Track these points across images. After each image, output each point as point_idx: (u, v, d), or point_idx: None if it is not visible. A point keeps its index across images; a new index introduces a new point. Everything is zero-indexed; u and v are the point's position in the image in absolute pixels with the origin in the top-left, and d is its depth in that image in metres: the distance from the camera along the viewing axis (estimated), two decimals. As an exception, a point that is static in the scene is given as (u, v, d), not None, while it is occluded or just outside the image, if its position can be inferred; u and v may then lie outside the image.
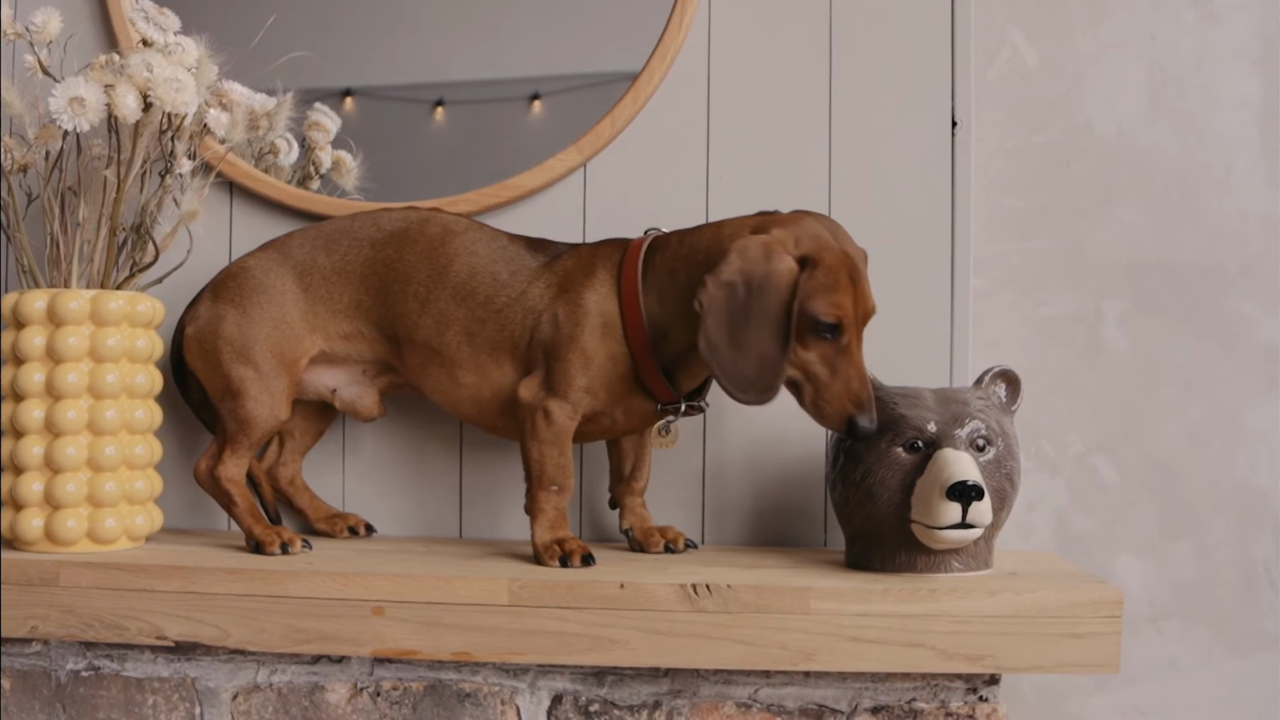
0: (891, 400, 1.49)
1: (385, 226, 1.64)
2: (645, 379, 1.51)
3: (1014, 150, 1.82)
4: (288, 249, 1.65)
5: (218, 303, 1.63)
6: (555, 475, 1.53)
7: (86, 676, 1.57)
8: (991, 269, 1.82)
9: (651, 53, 1.70)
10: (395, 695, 1.52)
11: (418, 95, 1.81)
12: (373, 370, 1.67)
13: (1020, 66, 1.82)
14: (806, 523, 1.72)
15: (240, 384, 1.60)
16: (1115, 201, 1.81)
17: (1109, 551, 1.81)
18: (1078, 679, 1.82)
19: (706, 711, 1.49)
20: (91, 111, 1.47)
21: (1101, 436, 1.82)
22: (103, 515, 1.55)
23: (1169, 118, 1.80)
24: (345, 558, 1.56)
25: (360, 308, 1.62)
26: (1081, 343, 1.81)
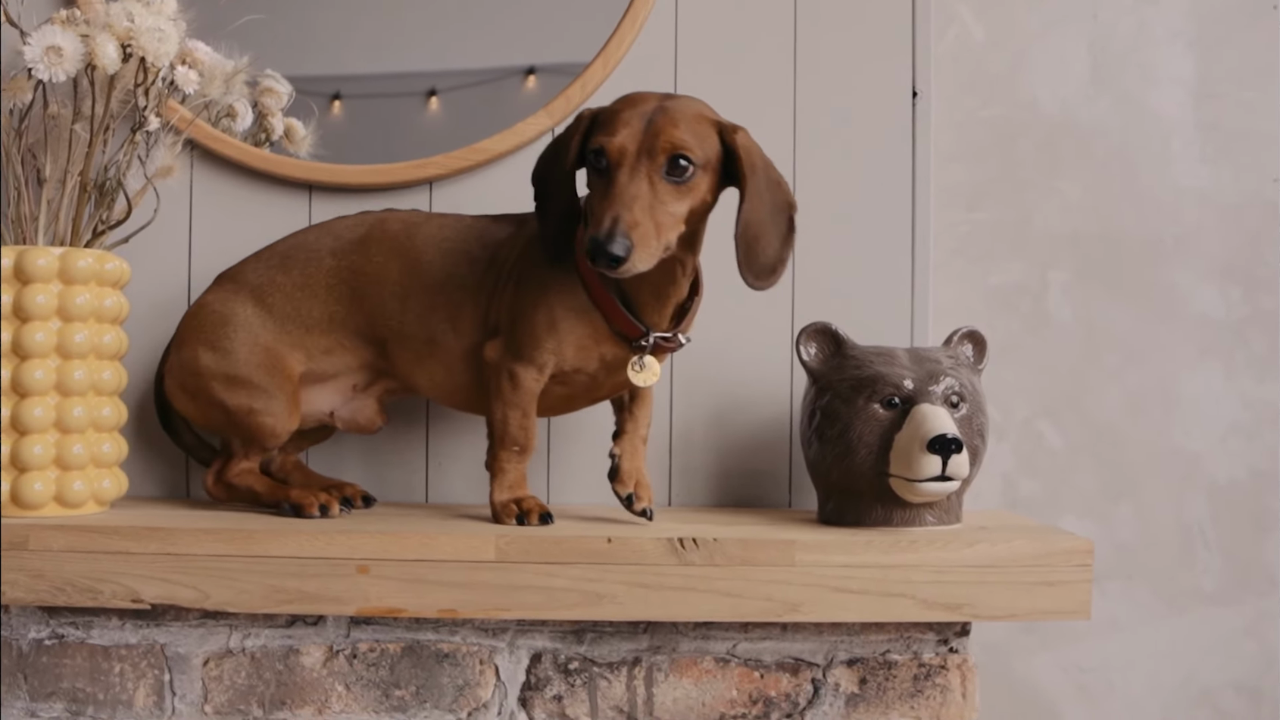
0: (867, 358, 1.52)
1: (344, 235, 1.63)
2: (611, 320, 1.49)
3: (962, 123, 1.87)
4: (241, 276, 1.63)
5: (187, 346, 1.61)
6: (517, 436, 1.53)
7: (50, 645, 1.52)
8: (940, 239, 1.86)
9: (621, 19, 1.72)
10: (372, 657, 1.51)
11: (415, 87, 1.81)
12: (362, 382, 1.64)
13: (968, 42, 1.87)
14: (773, 484, 1.75)
15: (242, 406, 1.57)
16: (1059, 175, 1.87)
17: (1053, 514, 1.87)
18: (1023, 638, 1.87)
19: (685, 667, 1.50)
20: (69, 61, 1.44)
21: (1046, 402, 1.87)
22: (70, 478, 1.51)
23: (1109, 94, 1.87)
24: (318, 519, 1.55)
25: (335, 319, 1.60)
26: (1027, 312, 1.87)
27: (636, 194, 1.38)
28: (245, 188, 1.76)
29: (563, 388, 1.54)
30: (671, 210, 1.40)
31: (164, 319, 1.76)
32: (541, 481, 1.75)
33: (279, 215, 1.76)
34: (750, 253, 1.44)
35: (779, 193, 1.47)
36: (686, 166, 1.39)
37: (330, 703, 1.51)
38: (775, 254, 1.46)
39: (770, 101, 1.75)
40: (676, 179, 1.39)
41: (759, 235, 1.44)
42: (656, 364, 1.50)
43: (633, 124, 1.40)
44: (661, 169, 1.39)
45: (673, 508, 1.73)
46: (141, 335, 1.73)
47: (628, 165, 1.39)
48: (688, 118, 1.42)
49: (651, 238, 1.37)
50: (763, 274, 1.45)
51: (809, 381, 1.57)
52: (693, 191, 1.41)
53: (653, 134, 1.39)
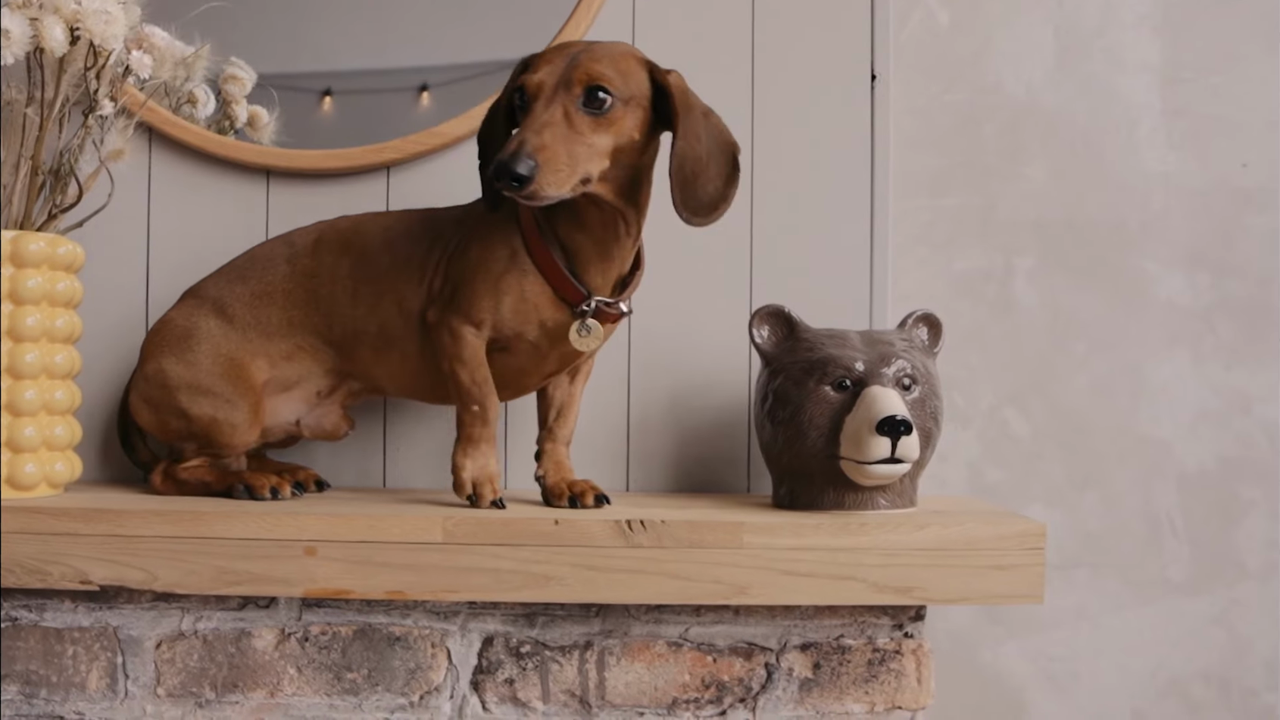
0: (819, 340, 1.51)
1: (297, 241, 1.63)
2: (552, 282, 1.48)
3: (925, 109, 1.86)
4: (202, 290, 1.64)
5: (150, 360, 1.61)
6: (472, 392, 1.51)
7: (4, 628, 1.53)
8: (904, 225, 1.86)
9: (575, 6, 1.72)
10: (324, 640, 1.51)
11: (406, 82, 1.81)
12: (326, 388, 1.64)
13: (933, 27, 1.86)
14: (730, 470, 1.74)
15: (205, 414, 1.57)
16: (1024, 160, 1.86)
17: (1020, 501, 1.86)
18: (990, 627, 1.86)
19: (638, 651, 1.50)
20: (16, 44, 1.45)
21: (1012, 389, 1.86)
22: (21, 461, 1.52)
23: (1075, 79, 1.86)
24: (269, 500, 1.55)
25: (293, 324, 1.60)
26: (992, 298, 1.86)
27: (547, 121, 1.37)
28: (203, 173, 1.76)
29: (509, 357, 1.52)
30: (590, 141, 1.39)
31: (123, 304, 1.77)
32: (498, 466, 1.75)
33: (237, 200, 1.77)
34: (687, 189, 1.42)
35: (719, 133, 1.46)
36: (605, 98, 1.39)
37: (282, 685, 1.51)
38: (716, 191, 1.44)
39: (728, 83, 1.75)
40: (595, 110, 1.39)
41: (697, 172, 1.43)
42: (600, 328, 1.49)
43: (555, 61, 1.41)
44: (578, 100, 1.39)
45: (630, 493, 1.72)
46: (99, 320, 1.74)
47: (544, 98, 1.39)
48: (612, 54, 1.42)
49: (561, 162, 1.36)
50: (700, 210, 1.44)
51: (762, 364, 1.56)
52: (614, 125, 1.40)
53: (571, 68, 1.40)
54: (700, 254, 1.74)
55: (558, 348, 1.51)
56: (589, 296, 1.48)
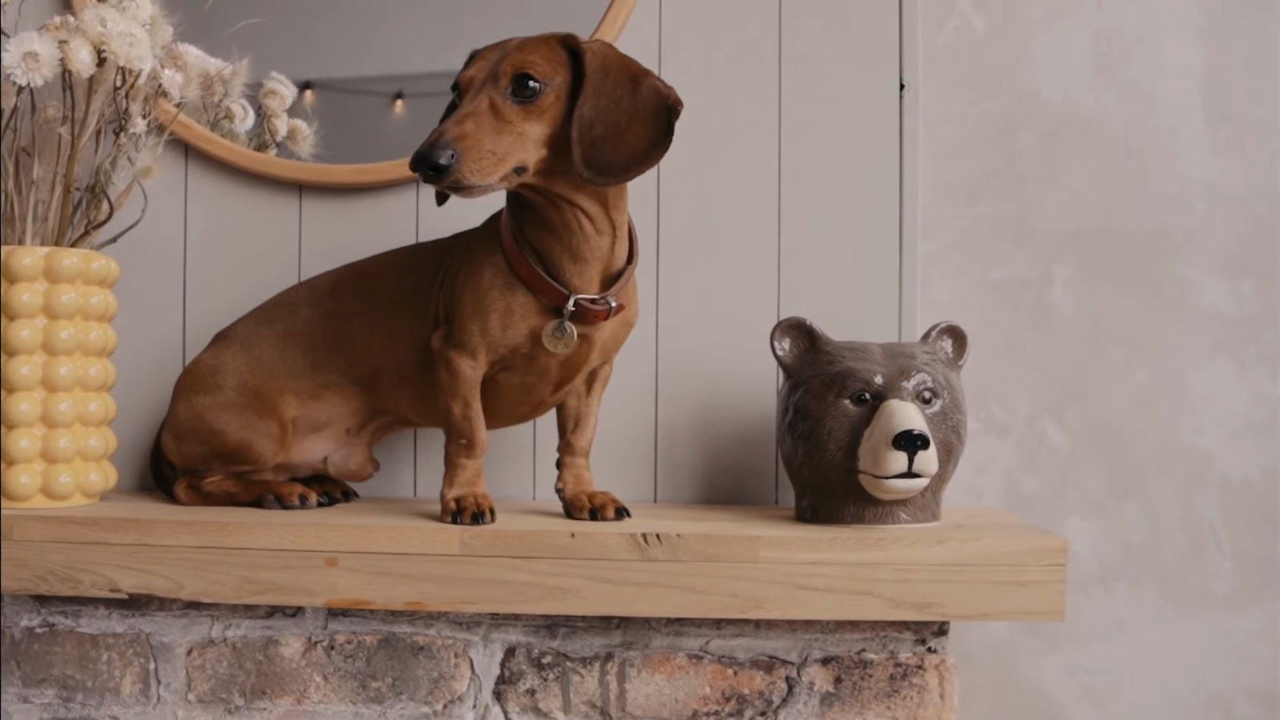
0: (840, 353, 1.51)
1: (318, 285, 1.67)
2: (533, 288, 1.47)
3: (960, 116, 1.84)
4: (231, 333, 1.68)
5: (181, 398, 1.65)
6: (461, 427, 1.52)
7: (41, 633, 1.57)
8: (938, 233, 1.84)
9: (603, 15, 1.72)
10: (349, 649, 1.53)
11: (378, 88, 1.82)
12: (355, 426, 1.67)
13: (968, 34, 1.84)
14: (758, 481, 1.74)
15: (232, 436, 1.60)
16: (1062, 168, 1.83)
17: (1058, 513, 1.84)
18: (1028, 640, 1.84)
19: (658, 663, 1.50)
20: (45, 66, 1.49)
21: (1050, 399, 1.84)
22: (56, 471, 1.56)
23: (1114, 85, 1.83)
24: (299, 509, 1.58)
25: (317, 365, 1.63)
26: (1029, 307, 1.84)
27: (471, 111, 1.37)
28: (238, 188, 1.80)
29: (513, 374, 1.53)
30: (520, 130, 1.38)
31: (160, 317, 1.81)
32: (527, 478, 1.76)
33: (270, 214, 1.80)
34: (591, 149, 1.39)
35: (650, 95, 1.43)
36: (534, 86, 1.38)
37: (309, 693, 1.54)
38: (636, 153, 1.41)
39: (755, 95, 1.74)
40: (524, 99, 1.38)
41: (608, 134, 1.40)
42: (574, 331, 1.47)
43: (488, 56, 1.42)
44: (505, 91, 1.38)
45: (657, 504, 1.73)
46: (137, 333, 1.78)
47: (472, 91, 1.40)
48: (538, 42, 1.42)
49: (484, 150, 1.35)
50: (607, 170, 1.40)
51: (784, 377, 1.56)
52: (546, 112, 1.40)
53: (500, 60, 1.40)
54: (728, 264, 1.74)
55: (555, 356, 1.51)
56: (569, 297, 1.47)
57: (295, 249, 1.80)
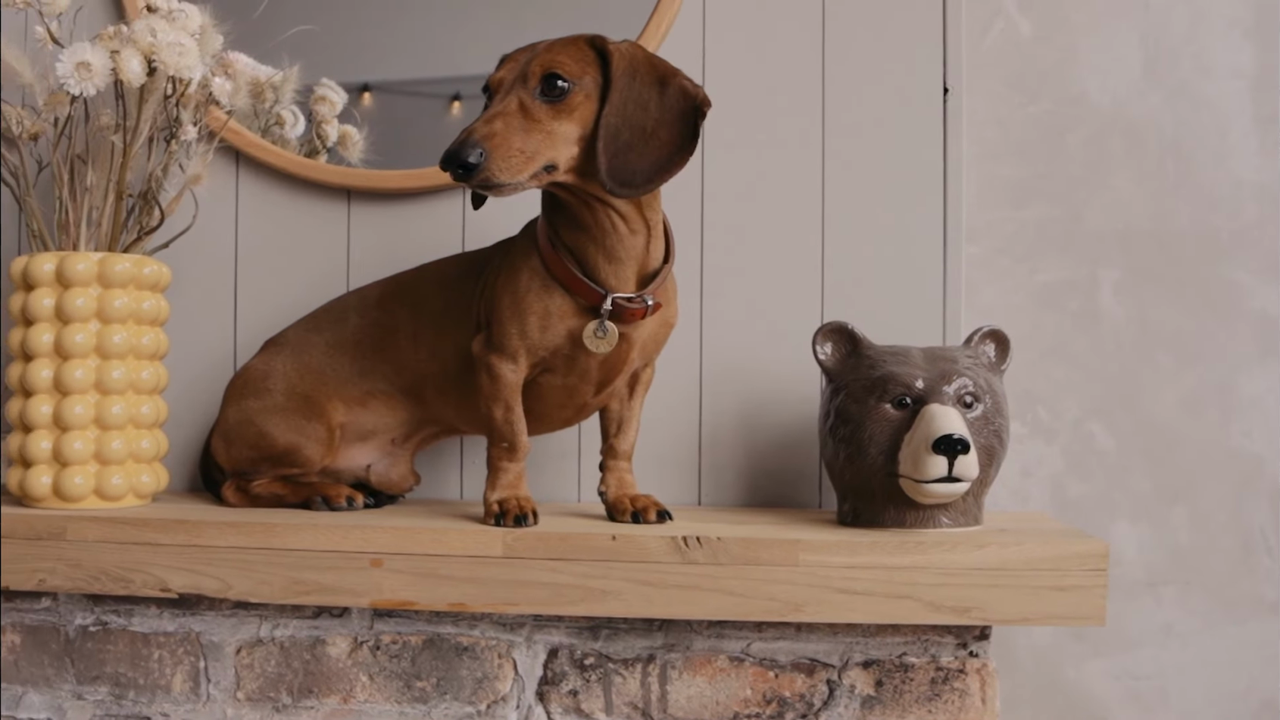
0: (881, 357, 1.51)
1: (367, 295, 1.70)
2: (570, 289, 1.48)
3: (1006, 120, 1.84)
4: (280, 339, 1.71)
5: (231, 402, 1.68)
6: (503, 431, 1.54)
7: (94, 631, 1.60)
8: (985, 237, 1.84)
9: (648, 19, 1.73)
10: (394, 649, 1.55)
11: (435, 90, 1.84)
12: (401, 435, 1.70)
13: (1014, 37, 1.84)
14: (802, 484, 1.75)
15: (281, 438, 1.63)
16: (1110, 170, 1.82)
17: (1105, 517, 1.83)
18: (1074, 644, 1.83)
19: (700, 665, 1.51)
20: (97, 75, 1.52)
21: (1097, 403, 1.83)
22: (110, 473, 1.59)
23: (1163, 87, 1.82)
24: (346, 511, 1.60)
25: (364, 373, 1.66)
26: (1077, 310, 1.83)
27: (500, 111, 1.39)
28: (287, 193, 1.83)
29: (556, 377, 1.54)
30: (549, 129, 1.40)
31: (211, 321, 1.84)
32: (571, 480, 1.78)
33: (319, 219, 1.82)
34: (615, 159, 1.40)
35: (677, 98, 1.43)
36: (562, 85, 1.40)
37: (355, 692, 1.56)
38: (659, 161, 1.42)
39: (798, 102, 1.75)
40: (553, 98, 1.40)
41: (633, 142, 1.41)
42: (615, 330, 1.48)
43: (517, 59, 1.43)
44: (535, 91, 1.40)
45: (701, 507, 1.74)
46: (189, 337, 1.82)
47: (501, 92, 1.41)
48: (566, 43, 1.43)
49: (513, 149, 1.37)
50: (631, 181, 1.41)
51: (825, 381, 1.56)
52: (576, 111, 1.41)
53: (530, 61, 1.41)
54: (772, 268, 1.74)
55: (595, 357, 1.51)
56: (606, 296, 1.48)
57: (344, 254, 1.82)
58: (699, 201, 1.76)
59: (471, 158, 1.34)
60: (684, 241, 1.74)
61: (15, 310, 1.60)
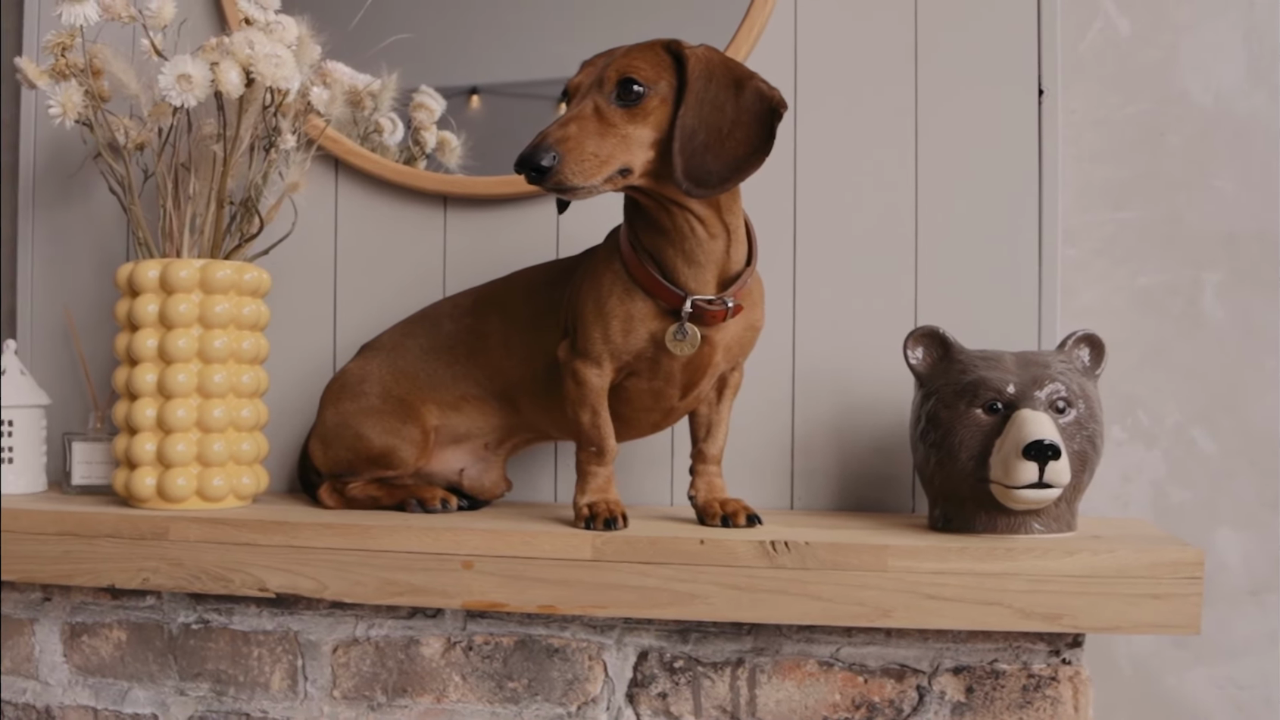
0: (972, 362, 1.50)
1: (460, 301, 1.72)
2: (651, 292, 1.49)
3: (1106, 120, 1.81)
4: (375, 343, 1.74)
5: (328, 405, 1.71)
6: (591, 435, 1.55)
7: (197, 629, 1.64)
8: (1084, 239, 1.81)
9: (739, 26, 1.74)
10: (487, 649, 1.57)
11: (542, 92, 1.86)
12: (494, 440, 1.72)
13: (1113, 37, 1.81)
14: (895, 489, 1.74)
15: (376, 441, 1.66)
16: (1212, 171, 1.79)
17: (1208, 523, 1.79)
18: (1175, 652, 1.80)
19: (789, 669, 1.51)
20: (198, 87, 1.55)
21: (1200, 407, 1.80)
22: (211, 474, 1.63)
23: (1267, 85, 1.78)
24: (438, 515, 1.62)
25: (457, 377, 1.68)
26: (1178, 313, 1.80)
27: (574, 115, 1.40)
28: (385, 200, 1.86)
29: (641, 381, 1.55)
30: (624, 133, 1.41)
31: (311, 325, 1.87)
32: (664, 484, 1.78)
33: (416, 225, 1.85)
34: (691, 160, 1.41)
35: (753, 99, 1.44)
36: (638, 90, 1.40)
37: (448, 692, 1.58)
38: (735, 161, 1.42)
39: (891, 104, 1.74)
40: (628, 103, 1.41)
41: (710, 143, 1.41)
42: (696, 333, 1.48)
43: (595, 64, 1.45)
44: (610, 95, 1.41)
45: (794, 511, 1.74)
46: (289, 341, 1.85)
47: (578, 97, 1.43)
48: (643, 48, 1.44)
49: (586, 152, 1.38)
50: (707, 181, 1.41)
51: (916, 386, 1.55)
52: (652, 115, 1.42)
53: (606, 66, 1.42)
54: (865, 272, 1.73)
55: (678, 360, 1.52)
56: (685, 298, 1.48)
57: (440, 260, 1.85)
58: (791, 204, 1.75)
59: (545, 161, 1.36)
60: (776, 245, 1.74)
61: (121, 316, 1.65)
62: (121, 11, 1.62)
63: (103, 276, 1.94)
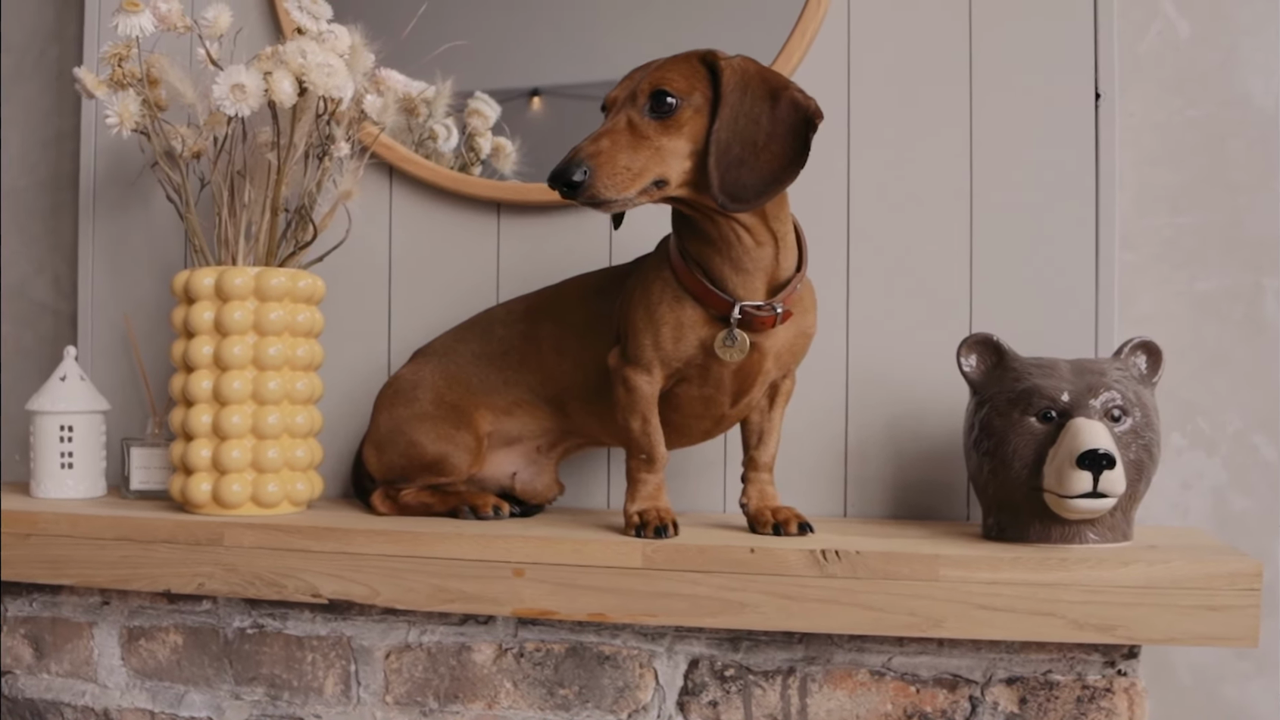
0: (1027, 370, 1.48)
1: (514, 308, 1.72)
2: (701, 300, 1.49)
3: (1164, 124, 1.78)
4: (428, 349, 1.75)
5: (382, 410, 1.72)
6: (641, 442, 1.55)
7: (251, 634, 1.66)
8: (1142, 244, 1.79)
9: (791, 32, 1.73)
10: (538, 656, 1.57)
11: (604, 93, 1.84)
12: (545, 444, 1.72)
13: (1172, 39, 1.79)
14: (950, 496, 1.72)
15: (430, 448, 1.66)
16: (1274, 174, 1.76)
17: (1269, 531, 1.77)
18: (1236, 662, 1.77)
19: (840, 679, 1.50)
20: (251, 97, 1.57)
21: (1261, 414, 1.77)
22: (265, 480, 1.64)
23: (1331, 88, 1.75)
24: (489, 522, 1.63)
25: (509, 383, 1.68)
26: (1239, 318, 1.77)
27: (607, 129, 1.41)
28: (439, 207, 1.86)
29: (692, 388, 1.54)
30: (658, 145, 1.40)
31: (366, 333, 1.88)
32: (717, 491, 1.78)
33: (470, 232, 1.85)
34: (727, 174, 1.40)
35: (789, 110, 1.42)
36: (670, 101, 1.40)
37: (499, 698, 1.58)
38: (770, 174, 1.41)
39: (945, 107, 1.72)
40: (661, 115, 1.40)
41: (744, 156, 1.40)
42: (745, 339, 1.48)
43: (632, 77, 1.45)
44: (644, 108, 1.41)
45: (847, 518, 1.73)
46: (344, 348, 1.87)
47: (613, 111, 1.43)
48: (677, 59, 1.44)
49: (619, 166, 1.38)
50: (743, 195, 1.40)
51: (970, 393, 1.54)
52: (685, 126, 1.41)
53: (639, 80, 1.42)
54: (919, 278, 1.72)
55: (729, 367, 1.51)
56: (734, 304, 1.47)
57: (494, 267, 1.85)
58: (844, 209, 1.74)
59: (576, 175, 1.37)
60: (829, 250, 1.73)
61: (178, 323, 1.66)
62: (177, 22, 1.64)
63: (162, 283, 1.96)
